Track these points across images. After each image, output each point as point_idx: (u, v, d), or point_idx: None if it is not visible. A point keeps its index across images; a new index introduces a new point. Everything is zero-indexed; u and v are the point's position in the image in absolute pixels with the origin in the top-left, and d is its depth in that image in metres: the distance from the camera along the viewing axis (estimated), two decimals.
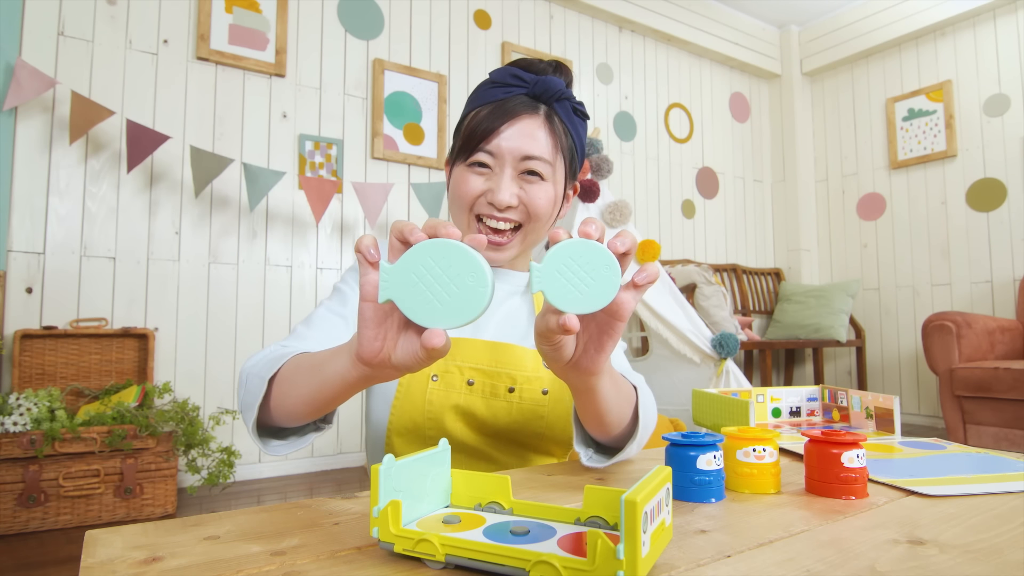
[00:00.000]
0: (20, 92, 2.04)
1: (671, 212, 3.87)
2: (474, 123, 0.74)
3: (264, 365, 0.60)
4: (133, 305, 2.29)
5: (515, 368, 0.78)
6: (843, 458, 0.55)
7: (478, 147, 0.74)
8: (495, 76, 0.77)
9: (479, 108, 0.76)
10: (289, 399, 0.57)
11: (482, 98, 0.76)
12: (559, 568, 0.35)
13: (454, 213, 0.79)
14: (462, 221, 0.77)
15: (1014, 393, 2.47)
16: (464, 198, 0.75)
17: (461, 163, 0.76)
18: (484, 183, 0.75)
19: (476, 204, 0.75)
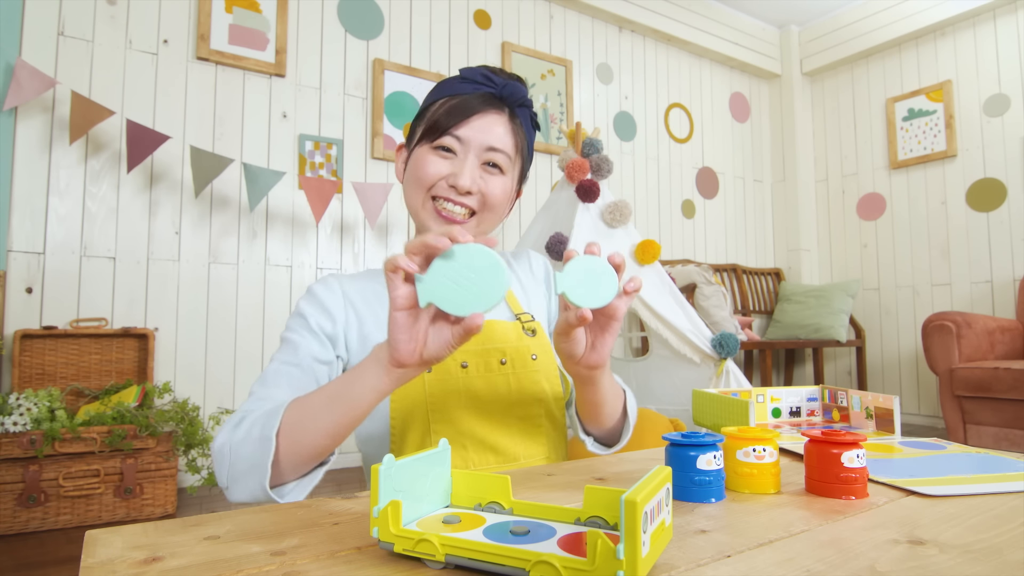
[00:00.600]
0: (20, 92, 2.04)
1: (671, 212, 3.87)
2: (444, 109, 0.78)
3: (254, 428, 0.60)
4: (133, 305, 2.29)
5: (501, 341, 0.81)
6: (843, 458, 0.55)
7: (447, 132, 0.77)
8: (466, 73, 0.81)
9: (448, 97, 0.79)
10: (305, 441, 0.60)
11: (451, 89, 0.80)
12: (559, 568, 0.35)
13: (411, 193, 0.81)
14: (418, 200, 0.79)
15: (1014, 393, 2.47)
16: (425, 179, 0.78)
17: (425, 145, 0.79)
18: (448, 167, 0.78)
19: (436, 186, 0.78)
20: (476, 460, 0.79)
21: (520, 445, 0.82)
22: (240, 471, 0.61)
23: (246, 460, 0.60)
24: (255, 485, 0.60)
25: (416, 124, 0.82)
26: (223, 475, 0.62)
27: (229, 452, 0.61)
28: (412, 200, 0.80)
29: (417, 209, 0.79)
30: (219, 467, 0.62)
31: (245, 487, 0.61)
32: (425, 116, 0.80)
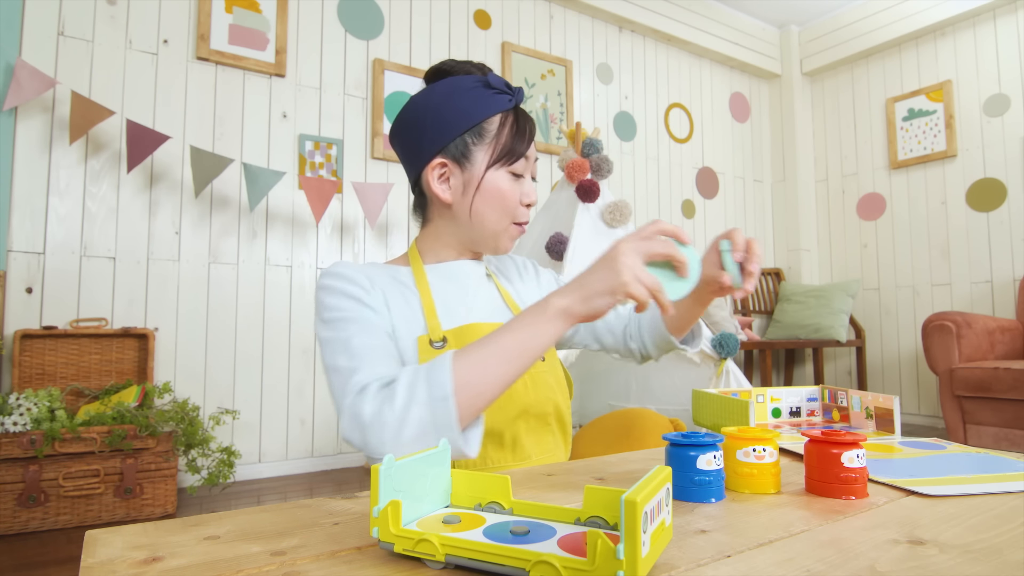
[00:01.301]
0: (20, 92, 2.04)
1: (671, 212, 3.87)
2: (515, 135, 0.83)
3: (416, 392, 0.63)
4: (133, 305, 2.29)
5: None
6: (843, 458, 0.55)
7: (521, 155, 0.83)
8: (495, 83, 0.83)
9: (504, 114, 0.83)
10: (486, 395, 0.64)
11: (495, 103, 0.82)
12: (559, 568, 0.35)
13: (492, 217, 0.84)
14: (501, 225, 0.84)
15: (1014, 393, 2.47)
16: (513, 206, 0.84)
17: (502, 169, 0.83)
18: (519, 187, 0.85)
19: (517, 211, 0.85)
20: (494, 457, 0.80)
21: (533, 443, 0.83)
22: (411, 435, 0.62)
23: (417, 423, 0.62)
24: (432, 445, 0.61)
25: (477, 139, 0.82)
26: (384, 445, 0.63)
27: (393, 419, 0.62)
28: (493, 223, 0.84)
29: (498, 232, 0.85)
30: (376, 435, 0.63)
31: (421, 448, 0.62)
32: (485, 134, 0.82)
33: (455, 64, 0.85)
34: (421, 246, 0.90)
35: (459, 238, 0.88)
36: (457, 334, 0.80)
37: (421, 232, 0.91)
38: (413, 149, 0.85)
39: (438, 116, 0.82)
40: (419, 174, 0.86)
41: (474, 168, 0.82)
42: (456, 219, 0.85)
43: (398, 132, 0.87)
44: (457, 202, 0.84)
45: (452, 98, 0.82)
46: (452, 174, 0.83)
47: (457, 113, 0.81)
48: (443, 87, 0.83)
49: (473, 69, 0.85)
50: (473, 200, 0.83)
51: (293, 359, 2.58)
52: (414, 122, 0.84)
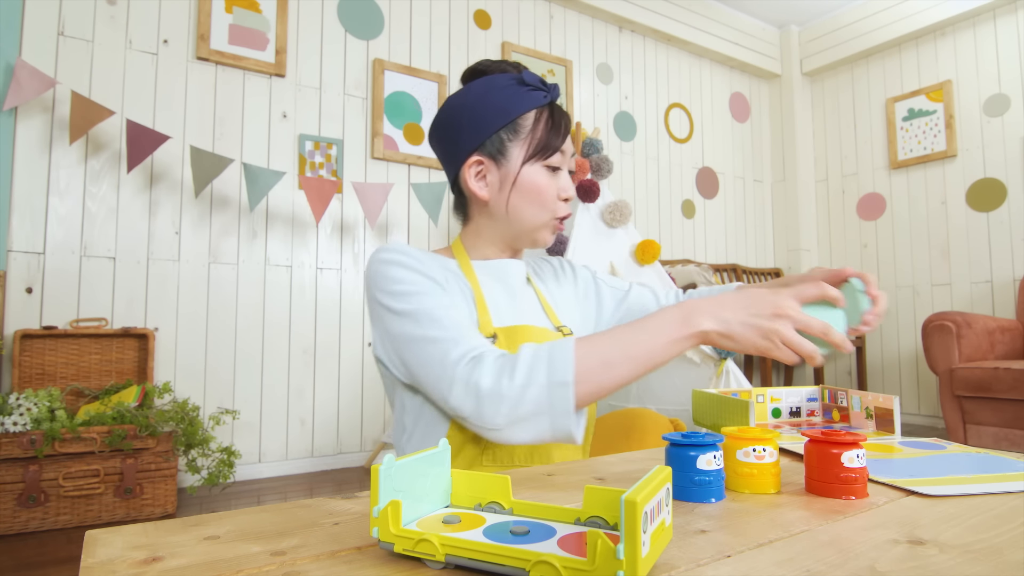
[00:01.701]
0: (20, 92, 2.04)
1: (671, 212, 3.87)
2: (547, 131, 0.83)
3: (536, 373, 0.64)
4: (133, 305, 2.29)
5: None
6: (843, 458, 0.55)
7: (556, 149, 0.84)
8: (530, 79, 0.84)
9: (539, 110, 0.84)
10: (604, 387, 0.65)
11: (530, 100, 0.83)
12: (559, 568, 0.35)
13: (531, 212, 0.84)
14: (540, 219, 0.85)
15: (1014, 393, 2.47)
16: (550, 200, 0.85)
17: (538, 164, 0.83)
18: (556, 181, 0.85)
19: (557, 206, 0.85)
20: (520, 457, 0.80)
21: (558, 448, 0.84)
22: (525, 413, 0.63)
23: (533, 403, 0.63)
24: (544, 426, 0.64)
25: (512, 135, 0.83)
26: (499, 416, 0.64)
27: (512, 394, 0.63)
28: (532, 219, 0.85)
29: (537, 226, 0.85)
30: (492, 406, 0.64)
31: (532, 428, 0.64)
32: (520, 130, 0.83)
33: (490, 64, 0.86)
34: (464, 242, 0.91)
35: (500, 235, 0.88)
36: (508, 333, 0.80)
37: (463, 230, 0.92)
38: (450, 149, 0.86)
39: (473, 115, 0.83)
40: (457, 173, 0.86)
41: (510, 164, 0.83)
42: (494, 216, 0.86)
43: (435, 133, 0.88)
44: (494, 199, 0.85)
45: (487, 96, 0.83)
46: (488, 171, 0.84)
47: (492, 110, 0.82)
48: (478, 86, 0.84)
49: (508, 67, 0.86)
50: (510, 196, 0.84)
51: (293, 359, 2.58)
52: (450, 122, 0.85)
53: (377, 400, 2.77)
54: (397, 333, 0.73)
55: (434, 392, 0.70)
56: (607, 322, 1.00)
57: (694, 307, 0.66)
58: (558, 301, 0.96)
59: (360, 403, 2.73)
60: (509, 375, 0.64)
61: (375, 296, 0.77)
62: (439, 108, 0.88)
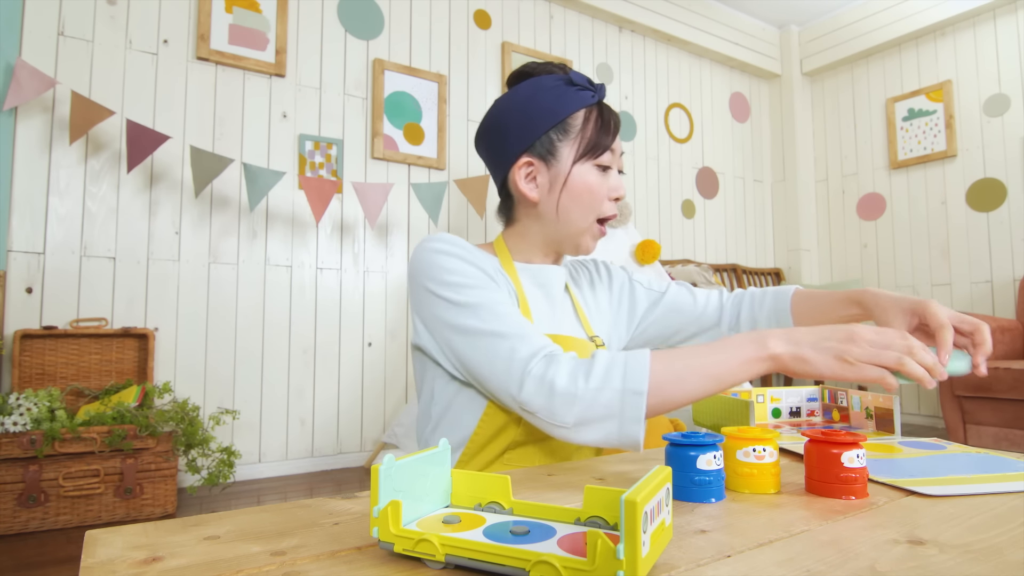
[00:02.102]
0: (20, 92, 2.04)
1: (671, 212, 3.87)
2: (596, 129, 0.83)
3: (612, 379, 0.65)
4: (133, 305, 2.29)
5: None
6: (843, 458, 0.55)
7: (607, 147, 0.83)
8: (578, 79, 0.84)
9: (588, 109, 0.83)
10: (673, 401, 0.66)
11: (579, 99, 0.83)
12: (559, 568, 0.35)
13: (578, 214, 0.84)
14: (586, 222, 0.84)
15: (1014, 393, 2.47)
16: (600, 200, 0.84)
17: (587, 163, 0.83)
18: (606, 181, 0.85)
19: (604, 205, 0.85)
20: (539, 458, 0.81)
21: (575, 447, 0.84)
22: (596, 415, 0.65)
23: (605, 407, 0.64)
24: (612, 430, 0.65)
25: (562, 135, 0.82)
26: (569, 415, 0.65)
27: (586, 395, 0.65)
28: (578, 220, 0.84)
29: (582, 231, 0.85)
30: (565, 404, 0.66)
31: (600, 430, 0.65)
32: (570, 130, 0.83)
33: (536, 66, 0.86)
34: (508, 243, 0.90)
35: (545, 238, 0.87)
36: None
37: (506, 231, 0.91)
38: (498, 151, 0.86)
39: (522, 116, 0.83)
40: (505, 175, 0.86)
41: (560, 164, 0.83)
42: (542, 218, 0.86)
43: (483, 136, 0.88)
44: (544, 200, 0.84)
45: (535, 97, 0.83)
46: (539, 172, 0.84)
47: (541, 111, 0.82)
48: (525, 88, 0.84)
49: (555, 68, 0.85)
50: (560, 196, 0.83)
51: (293, 359, 2.58)
52: (499, 125, 0.85)
53: (377, 400, 2.77)
54: (454, 324, 0.73)
55: (498, 386, 0.70)
56: (640, 324, 1.00)
57: (768, 332, 0.66)
58: (592, 309, 0.95)
59: (360, 403, 2.73)
60: (585, 377, 0.65)
61: (425, 285, 0.76)
62: (486, 112, 0.88)
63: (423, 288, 0.76)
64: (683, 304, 0.98)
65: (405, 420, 2.57)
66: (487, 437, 0.78)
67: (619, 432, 0.65)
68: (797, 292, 0.93)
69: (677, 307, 0.98)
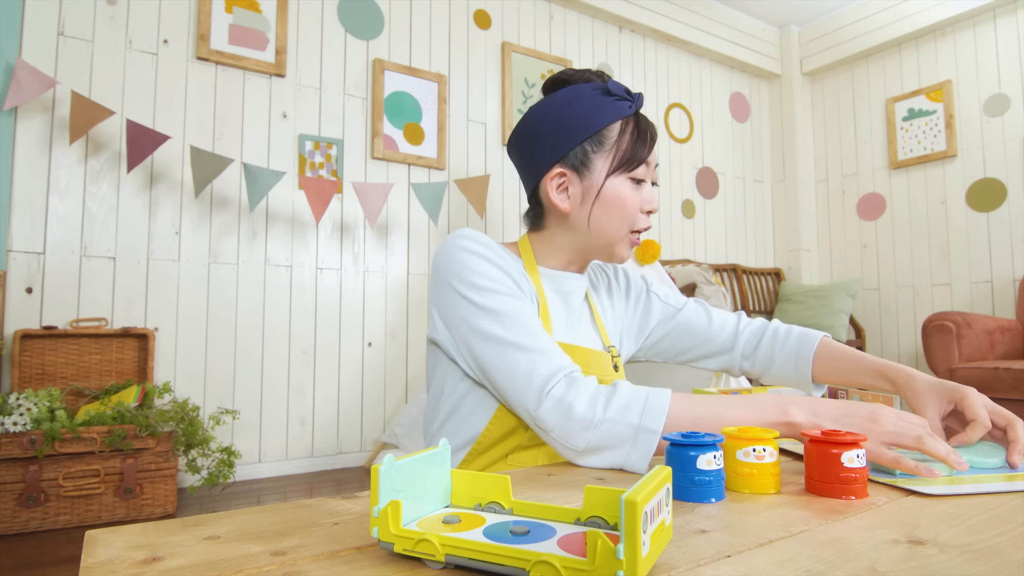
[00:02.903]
0: (20, 92, 2.04)
1: (671, 212, 3.87)
2: (632, 139, 0.81)
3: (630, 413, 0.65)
4: (133, 305, 2.29)
5: (598, 371, 0.82)
6: (843, 458, 0.55)
7: (642, 161, 0.82)
8: (616, 89, 0.82)
9: (624, 121, 0.82)
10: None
11: (615, 110, 0.81)
12: (559, 568, 0.35)
13: (612, 225, 0.82)
14: (620, 233, 0.83)
15: (1014, 393, 2.47)
16: (633, 213, 0.83)
17: (622, 176, 0.82)
18: (640, 194, 0.84)
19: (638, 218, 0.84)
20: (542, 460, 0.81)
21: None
22: (607, 445, 0.65)
23: (617, 438, 0.65)
24: (619, 460, 0.65)
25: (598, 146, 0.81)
26: (582, 441, 0.66)
27: (600, 425, 0.65)
28: (612, 232, 0.83)
29: (615, 240, 0.83)
30: (579, 431, 0.66)
31: (608, 458, 0.66)
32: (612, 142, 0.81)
33: (573, 73, 0.84)
34: (533, 246, 0.89)
35: (574, 247, 0.86)
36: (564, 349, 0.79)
37: (533, 235, 0.89)
38: (531, 159, 0.84)
39: (557, 125, 0.81)
40: (537, 184, 0.85)
41: (594, 176, 0.81)
42: (573, 228, 0.84)
43: (516, 143, 0.86)
44: (575, 211, 0.83)
45: (571, 106, 0.81)
46: (571, 183, 0.82)
47: (576, 121, 0.80)
48: (562, 96, 0.82)
49: (592, 76, 0.84)
50: (592, 209, 0.82)
51: (293, 359, 2.58)
52: (533, 132, 0.83)
53: (377, 400, 2.77)
54: (477, 328, 0.73)
55: (515, 397, 0.70)
56: (651, 336, 0.99)
57: (791, 399, 0.67)
58: (608, 315, 0.95)
59: (360, 403, 2.73)
60: (604, 406, 0.66)
61: (451, 283, 0.75)
62: (521, 118, 0.86)
63: (448, 286, 0.76)
64: (697, 324, 0.98)
65: (405, 420, 2.57)
66: (495, 438, 0.78)
67: (623, 463, 0.65)
68: (824, 344, 0.92)
69: (691, 326, 0.98)
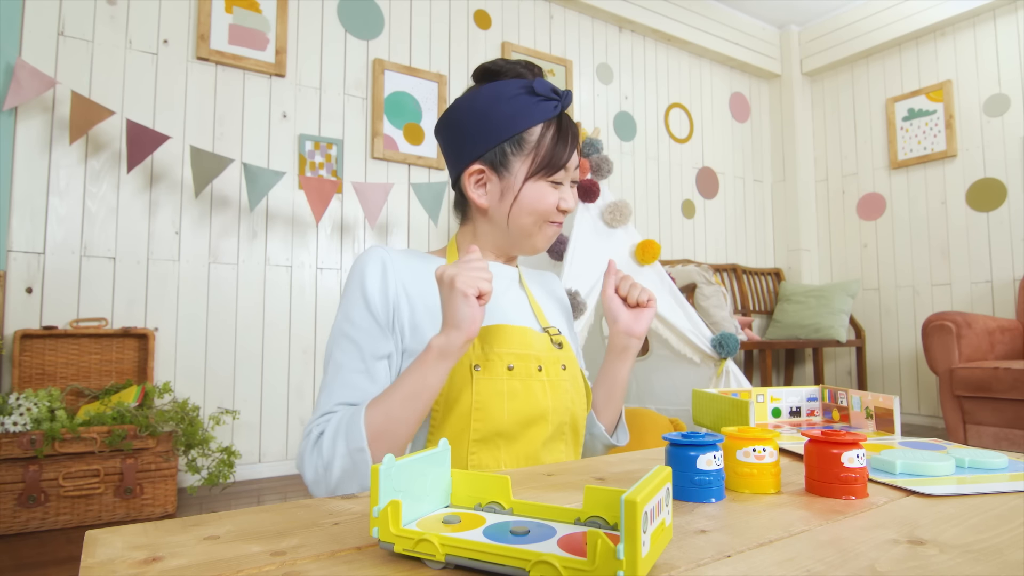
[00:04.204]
0: (20, 92, 2.04)
1: (671, 212, 3.87)
2: (554, 147, 0.83)
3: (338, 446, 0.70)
4: (133, 305, 2.29)
5: (538, 350, 0.83)
6: (843, 458, 0.55)
7: (560, 167, 0.83)
8: (541, 89, 0.82)
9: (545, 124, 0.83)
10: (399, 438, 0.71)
11: (538, 112, 0.82)
12: (559, 568, 0.35)
13: (526, 221, 0.85)
14: (534, 227, 0.85)
15: (1014, 393, 2.47)
16: (548, 212, 0.85)
17: (541, 179, 0.83)
18: (557, 194, 0.85)
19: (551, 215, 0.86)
20: (506, 460, 0.80)
21: (546, 452, 0.83)
22: (340, 480, 0.71)
23: (343, 472, 0.70)
24: (355, 488, 0.71)
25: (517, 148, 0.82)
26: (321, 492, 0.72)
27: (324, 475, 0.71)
28: (526, 225, 0.85)
29: (533, 234, 0.86)
30: (318, 489, 0.72)
31: (350, 488, 0.71)
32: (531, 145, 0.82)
33: (503, 65, 0.84)
34: (460, 243, 0.91)
35: (496, 242, 0.89)
36: (484, 333, 0.80)
37: (461, 228, 0.92)
38: (454, 151, 0.86)
39: (480, 122, 0.82)
40: (458, 176, 0.86)
41: (512, 178, 0.82)
42: (493, 223, 0.87)
43: (441, 130, 0.88)
44: (493, 208, 0.85)
45: (495, 105, 0.81)
46: (489, 180, 0.84)
47: (498, 121, 0.81)
48: (487, 92, 0.82)
49: (523, 71, 0.84)
50: (511, 208, 0.83)
51: (293, 359, 2.58)
52: (456, 125, 0.84)
53: None
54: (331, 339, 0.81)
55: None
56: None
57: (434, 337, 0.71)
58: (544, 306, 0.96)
59: None
60: (319, 456, 0.71)
61: (343, 294, 0.83)
62: (449, 105, 0.88)
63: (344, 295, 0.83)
64: None
65: None
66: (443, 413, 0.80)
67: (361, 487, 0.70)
68: None
69: None
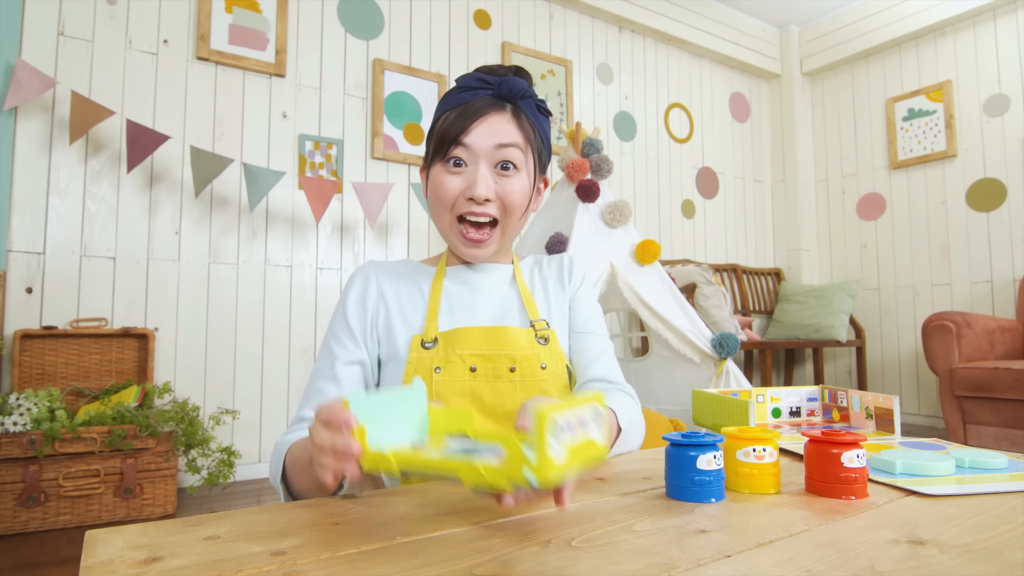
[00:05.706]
0: (20, 92, 2.04)
1: (671, 212, 3.87)
2: (446, 124, 0.80)
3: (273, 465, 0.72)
4: (133, 305, 2.29)
5: (513, 348, 0.81)
6: (843, 458, 0.55)
7: (453, 143, 0.78)
8: (461, 81, 0.83)
9: (449, 111, 0.81)
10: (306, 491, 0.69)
11: (451, 102, 0.82)
12: (480, 470, 0.43)
13: (437, 215, 0.84)
14: (444, 223, 0.83)
15: (1014, 393, 2.47)
16: (445, 199, 0.80)
17: (438, 163, 0.81)
18: (462, 181, 0.79)
19: (456, 204, 0.80)
20: None
21: None
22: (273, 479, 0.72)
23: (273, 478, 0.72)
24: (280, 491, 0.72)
25: (427, 144, 0.85)
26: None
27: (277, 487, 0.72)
28: (439, 222, 0.84)
29: (445, 231, 0.83)
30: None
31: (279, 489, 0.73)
32: (432, 135, 0.83)
33: (468, 73, 0.85)
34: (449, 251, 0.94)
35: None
36: (447, 336, 0.80)
37: None
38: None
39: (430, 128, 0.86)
40: None
41: (428, 168, 0.84)
42: None
43: None
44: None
45: (436, 110, 0.85)
46: (424, 179, 0.87)
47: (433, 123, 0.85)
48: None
49: (474, 73, 0.83)
50: (429, 202, 0.85)
51: (293, 359, 2.58)
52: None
53: None
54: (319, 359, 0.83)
55: None
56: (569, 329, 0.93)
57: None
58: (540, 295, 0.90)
59: None
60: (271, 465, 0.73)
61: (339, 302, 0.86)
62: None
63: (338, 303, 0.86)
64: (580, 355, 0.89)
65: None
66: None
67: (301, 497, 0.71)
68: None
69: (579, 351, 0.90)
